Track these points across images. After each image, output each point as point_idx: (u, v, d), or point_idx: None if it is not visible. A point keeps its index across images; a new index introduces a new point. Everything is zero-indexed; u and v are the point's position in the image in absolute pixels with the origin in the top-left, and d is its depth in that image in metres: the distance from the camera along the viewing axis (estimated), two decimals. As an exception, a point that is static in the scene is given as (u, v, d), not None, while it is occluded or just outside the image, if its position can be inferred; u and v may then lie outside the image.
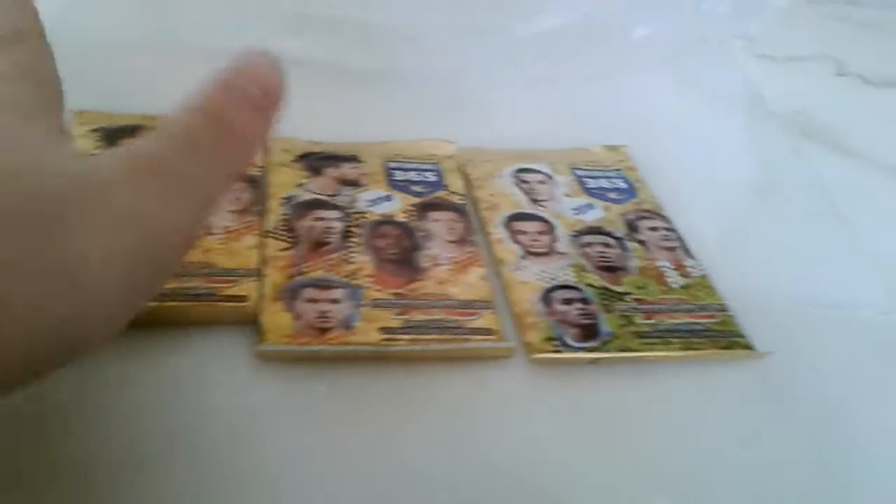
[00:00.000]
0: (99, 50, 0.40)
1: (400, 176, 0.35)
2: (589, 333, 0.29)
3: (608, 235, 0.34)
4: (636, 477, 0.26)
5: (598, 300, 0.31)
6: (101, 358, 0.24)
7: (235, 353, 0.27)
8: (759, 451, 0.28)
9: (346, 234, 0.31)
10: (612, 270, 0.32)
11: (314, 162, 0.35)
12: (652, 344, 0.29)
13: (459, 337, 0.28)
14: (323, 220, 0.32)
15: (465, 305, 0.29)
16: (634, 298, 0.31)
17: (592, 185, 0.37)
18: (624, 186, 0.37)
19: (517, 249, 0.33)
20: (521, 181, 0.37)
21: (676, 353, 0.29)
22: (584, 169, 0.38)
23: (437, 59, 0.43)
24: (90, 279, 0.15)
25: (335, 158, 0.35)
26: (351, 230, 0.31)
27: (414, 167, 0.36)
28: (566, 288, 0.31)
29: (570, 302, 0.31)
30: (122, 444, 0.24)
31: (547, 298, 0.31)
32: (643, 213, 0.36)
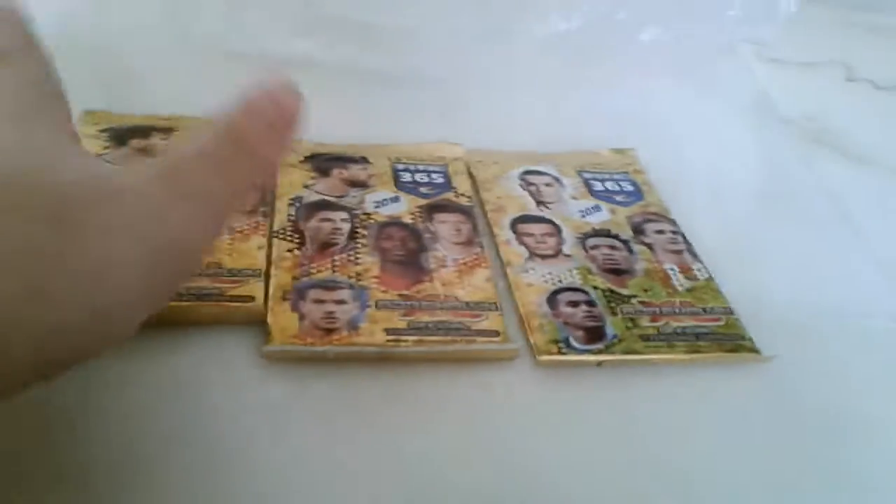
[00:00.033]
0: (110, 51, 0.40)
1: (407, 177, 0.35)
2: (594, 336, 0.29)
3: (615, 238, 0.34)
4: (641, 479, 0.26)
5: (603, 302, 0.31)
6: (106, 358, 0.25)
7: (242, 353, 0.27)
8: (764, 454, 0.28)
9: (352, 235, 0.31)
10: (618, 273, 0.32)
11: (322, 163, 0.35)
12: (657, 347, 0.29)
13: (465, 338, 0.28)
14: (330, 220, 0.32)
15: (470, 307, 0.29)
16: (640, 301, 0.31)
17: (599, 187, 0.37)
18: (631, 189, 0.37)
19: (523, 251, 0.33)
20: (528, 183, 0.37)
21: (681, 355, 0.29)
22: (591, 171, 0.38)
23: (446, 61, 0.43)
24: (111, 278, 0.16)
25: (343, 159, 0.35)
26: (358, 231, 0.32)
27: (422, 169, 0.36)
28: (572, 290, 0.31)
29: (575, 304, 0.31)
30: (126, 444, 0.24)
31: (553, 300, 0.31)
32: (650, 216, 0.36)
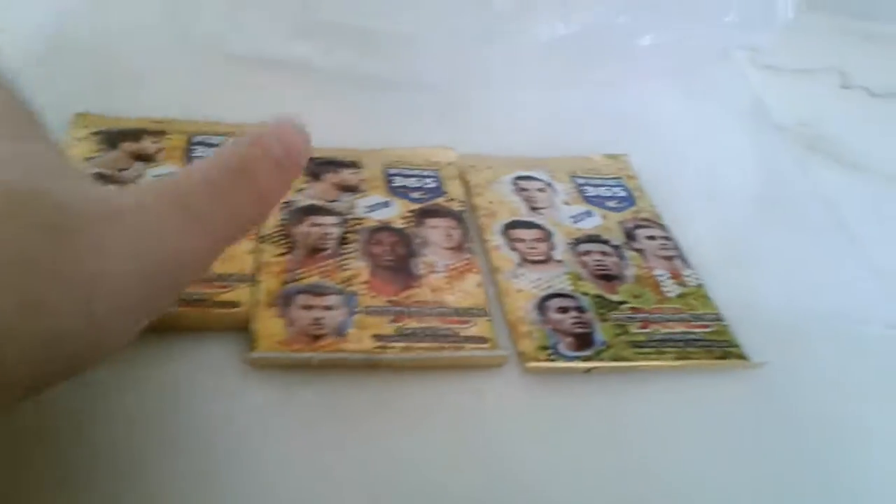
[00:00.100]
0: (107, 51, 0.40)
1: (399, 182, 0.35)
2: (583, 342, 0.29)
3: (606, 244, 0.34)
4: (630, 487, 0.26)
5: (593, 309, 0.31)
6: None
7: (228, 359, 0.27)
8: (754, 462, 0.28)
9: (342, 240, 0.31)
10: (608, 279, 0.32)
11: (314, 167, 0.35)
12: (646, 353, 0.29)
13: (453, 345, 0.28)
14: (320, 225, 0.32)
15: (459, 313, 0.29)
16: (630, 307, 0.31)
17: (591, 193, 0.37)
18: (623, 195, 0.37)
19: (514, 257, 0.33)
20: (520, 188, 0.37)
21: (671, 362, 0.29)
22: (583, 177, 0.38)
23: (441, 65, 0.43)
24: (106, 291, 0.17)
25: (335, 164, 0.35)
26: (348, 236, 0.32)
27: (414, 174, 0.36)
28: (562, 296, 0.31)
29: (565, 310, 0.30)
30: (110, 451, 0.24)
31: (542, 307, 0.31)
32: (641, 221, 0.36)
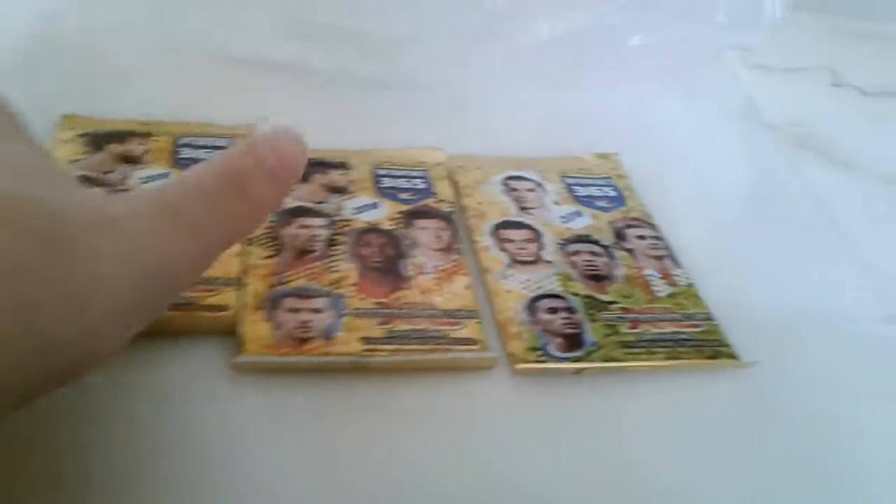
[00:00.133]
0: (94, 52, 0.40)
1: (388, 183, 0.35)
2: (573, 343, 0.29)
3: (595, 244, 0.34)
4: (621, 488, 0.26)
5: (583, 309, 0.31)
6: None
7: (215, 363, 0.26)
8: (743, 461, 0.28)
9: (331, 242, 0.31)
10: (598, 279, 0.32)
11: (302, 169, 0.34)
12: (636, 354, 0.29)
13: (442, 347, 0.28)
14: (308, 227, 0.31)
15: (449, 315, 0.29)
16: (620, 307, 0.31)
17: (582, 192, 0.37)
18: (613, 194, 0.37)
19: (504, 258, 0.32)
20: (510, 189, 0.36)
21: (661, 362, 0.29)
22: (573, 177, 0.38)
23: (429, 65, 0.43)
24: (100, 300, 0.17)
25: (323, 165, 0.35)
26: (336, 238, 0.31)
27: (402, 174, 0.36)
28: (552, 297, 0.31)
29: (555, 311, 0.30)
30: (95, 456, 0.23)
31: (532, 307, 0.30)
32: (631, 221, 0.36)
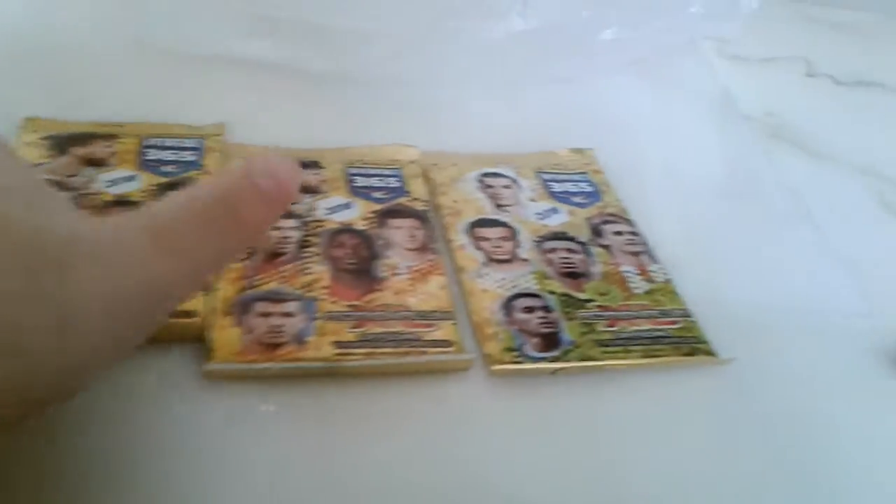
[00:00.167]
0: (58, 53, 0.39)
1: (361, 182, 0.34)
2: (550, 343, 0.29)
3: (572, 241, 0.34)
4: (600, 487, 0.26)
5: (560, 308, 0.30)
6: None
7: (185, 370, 0.26)
8: (722, 457, 0.28)
9: (302, 243, 0.30)
10: (574, 277, 0.32)
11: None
12: (613, 352, 0.29)
13: (416, 350, 0.27)
14: (279, 229, 0.31)
15: (423, 316, 0.29)
16: (597, 305, 0.31)
17: (557, 188, 0.36)
18: (589, 190, 0.37)
19: (479, 256, 0.32)
20: (485, 186, 0.36)
21: (638, 360, 0.29)
22: (549, 172, 0.37)
23: (402, 62, 0.42)
24: (82, 319, 0.17)
25: (294, 165, 0.34)
26: (308, 240, 0.31)
27: (375, 173, 0.35)
28: (528, 296, 0.31)
29: (531, 310, 0.30)
30: (64, 465, 0.23)
31: (508, 307, 0.30)
32: (608, 217, 0.35)
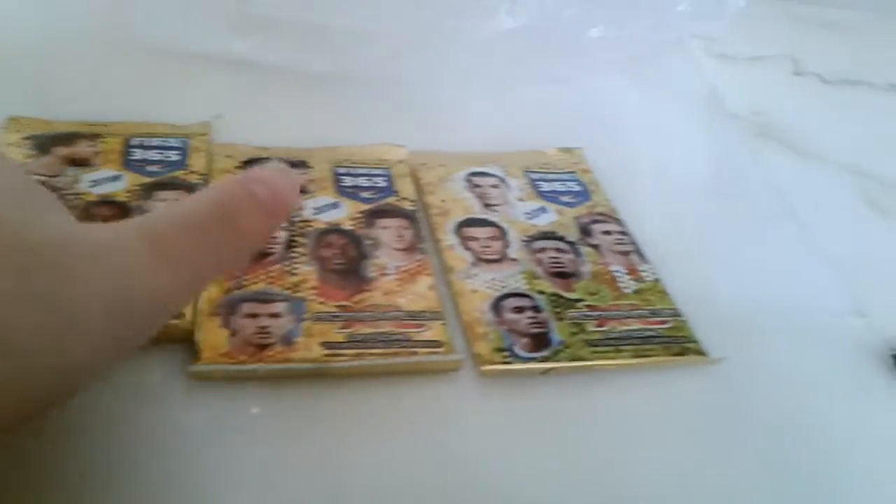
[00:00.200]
0: (36, 52, 0.38)
1: (349, 182, 0.34)
2: (540, 343, 0.29)
3: (561, 240, 0.33)
4: (590, 487, 0.26)
5: (549, 308, 0.30)
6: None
7: (172, 372, 0.26)
8: (713, 457, 0.28)
9: (290, 244, 0.30)
10: (564, 276, 0.32)
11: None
12: (603, 352, 0.29)
13: (406, 350, 0.27)
14: (266, 229, 0.31)
15: (412, 317, 0.29)
16: (587, 305, 0.31)
17: (546, 188, 0.36)
18: (578, 189, 0.37)
19: (468, 256, 0.32)
20: (473, 185, 0.36)
21: (628, 360, 0.29)
22: (537, 172, 0.37)
23: (389, 61, 0.42)
24: (86, 324, 0.17)
25: (283, 163, 0.34)
26: (296, 240, 0.30)
27: (363, 173, 0.35)
28: (517, 296, 0.30)
29: (521, 310, 0.30)
30: (49, 467, 0.23)
31: (497, 307, 0.30)
32: (597, 216, 0.35)
